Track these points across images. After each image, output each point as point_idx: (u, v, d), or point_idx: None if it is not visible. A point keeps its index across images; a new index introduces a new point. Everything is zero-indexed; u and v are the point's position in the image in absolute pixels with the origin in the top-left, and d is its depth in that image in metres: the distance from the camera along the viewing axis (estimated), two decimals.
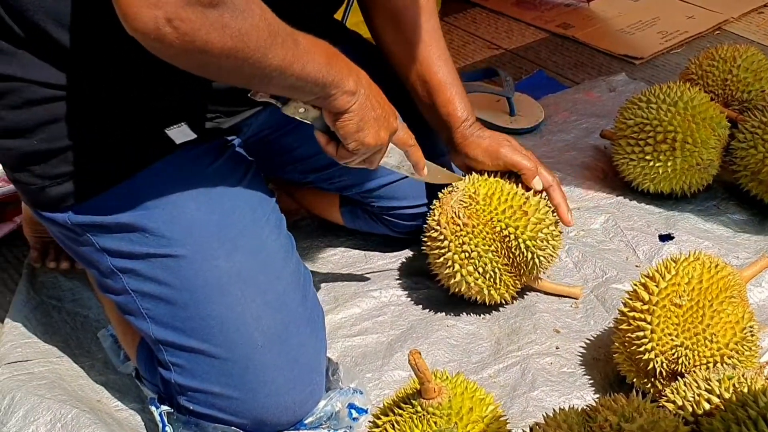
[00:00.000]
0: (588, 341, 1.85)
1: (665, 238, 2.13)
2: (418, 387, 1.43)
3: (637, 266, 2.03)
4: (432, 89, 1.90)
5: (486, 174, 1.87)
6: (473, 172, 1.89)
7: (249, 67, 1.34)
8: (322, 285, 2.02)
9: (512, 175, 1.87)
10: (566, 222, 1.86)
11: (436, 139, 1.97)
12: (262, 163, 1.79)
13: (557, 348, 1.83)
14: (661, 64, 2.98)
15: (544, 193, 1.86)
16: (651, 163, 2.16)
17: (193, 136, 1.58)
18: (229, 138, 1.70)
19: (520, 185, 1.84)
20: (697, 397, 1.43)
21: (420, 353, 1.38)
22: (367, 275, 2.06)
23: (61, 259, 2.04)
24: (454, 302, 1.93)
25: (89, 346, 1.88)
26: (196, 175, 1.60)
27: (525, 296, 1.96)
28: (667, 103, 2.15)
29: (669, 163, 2.14)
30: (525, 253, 1.79)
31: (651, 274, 1.66)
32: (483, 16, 3.38)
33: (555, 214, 1.86)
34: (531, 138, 2.56)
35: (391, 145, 1.67)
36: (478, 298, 1.86)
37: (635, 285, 1.67)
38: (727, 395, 1.41)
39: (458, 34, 3.25)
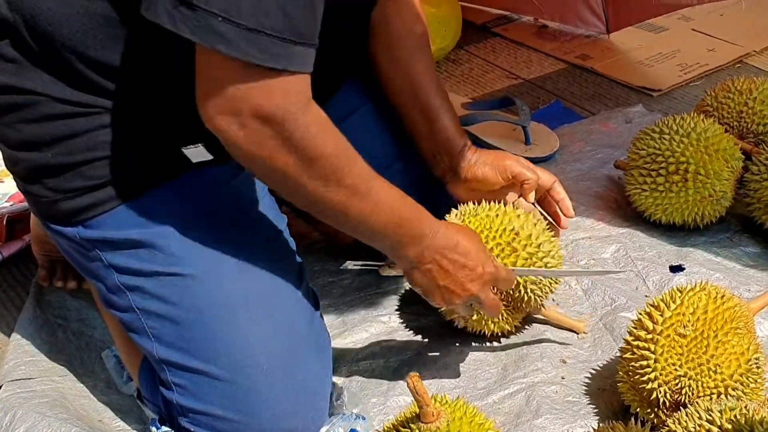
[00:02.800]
0: (594, 371, 1.84)
1: (676, 269, 2.12)
2: (417, 411, 1.43)
3: (646, 296, 2.02)
4: (431, 117, 1.90)
5: (475, 206, 1.83)
6: (461, 206, 1.86)
7: (304, 194, 1.46)
8: (332, 308, 2.02)
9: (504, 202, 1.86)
10: (561, 222, 1.88)
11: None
12: None
13: (563, 378, 1.82)
14: (680, 97, 2.97)
15: (538, 224, 1.82)
16: (663, 194, 2.15)
17: (210, 157, 1.58)
18: None
19: (511, 218, 1.79)
20: (698, 427, 1.42)
21: (419, 376, 1.38)
22: (378, 300, 2.06)
23: (68, 278, 2.04)
24: (461, 329, 1.92)
25: (93, 365, 1.88)
26: (209, 195, 1.61)
27: (533, 324, 1.95)
28: (680, 134, 2.14)
29: (681, 194, 2.13)
30: (515, 291, 1.78)
31: (656, 304, 1.65)
32: (503, 46, 3.38)
33: (552, 234, 1.83)
34: (545, 167, 2.53)
35: None
36: (478, 330, 1.86)
37: (640, 314, 1.66)
38: (728, 426, 1.39)
39: (478, 63, 3.26)
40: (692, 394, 1.56)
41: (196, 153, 1.56)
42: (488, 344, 1.91)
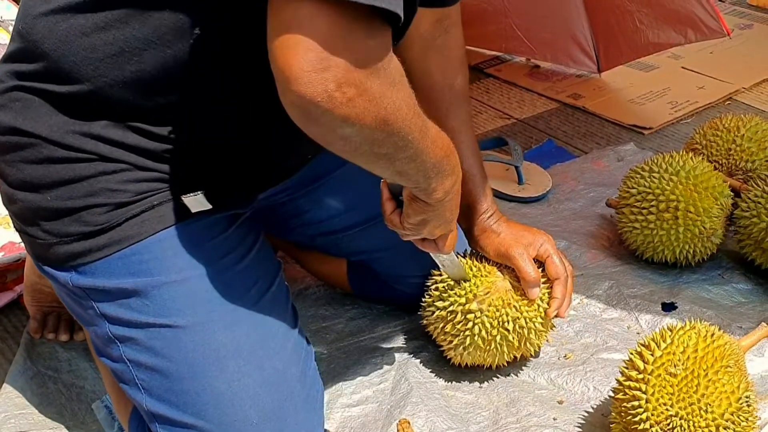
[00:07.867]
0: (587, 412, 1.84)
1: (668, 307, 2.12)
2: None
3: (638, 334, 2.02)
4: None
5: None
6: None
7: (389, 145, 1.30)
8: (324, 354, 2.02)
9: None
10: (548, 314, 1.83)
11: None
12: (269, 223, 1.78)
13: (555, 419, 1.82)
14: (670, 134, 2.99)
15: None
16: (654, 232, 2.16)
17: (209, 206, 1.57)
18: (242, 210, 1.68)
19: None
20: None
21: (409, 423, 1.39)
22: (370, 344, 2.06)
23: (60, 331, 2.02)
24: (454, 370, 1.92)
25: (84, 417, 1.87)
26: (204, 244, 1.59)
27: (523, 368, 1.96)
28: (669, 173, 2.15)
29: (672, 232, 2.14)
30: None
31: (647, 343, 1.66)
32: (496, 86, 3.40)
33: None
34: (538, 206, 2.57)
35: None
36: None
37: (631, 353, 1.67)
38: None
39: (471, 104, 3.27)
40: None
41: (196, 202, 1.55)
42: (480, 386, 1.91)
